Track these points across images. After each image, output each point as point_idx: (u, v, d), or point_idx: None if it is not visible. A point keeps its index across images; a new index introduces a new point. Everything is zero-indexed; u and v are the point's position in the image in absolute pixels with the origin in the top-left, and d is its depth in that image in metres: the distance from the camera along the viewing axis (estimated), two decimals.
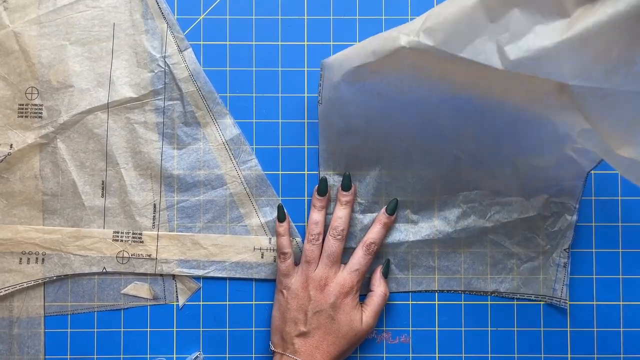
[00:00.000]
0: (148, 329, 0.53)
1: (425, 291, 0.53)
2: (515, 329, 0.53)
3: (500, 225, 0.52)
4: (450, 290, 0.53)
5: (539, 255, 0.52)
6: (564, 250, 0.52)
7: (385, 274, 0.51)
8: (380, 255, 0.52)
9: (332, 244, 0.49)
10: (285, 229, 0.51)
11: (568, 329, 0.53)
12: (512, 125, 0.46)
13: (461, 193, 0.52)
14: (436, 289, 0.53)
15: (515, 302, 0.53)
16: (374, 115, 0.49)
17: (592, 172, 0.52)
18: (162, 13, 0.52)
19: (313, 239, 0.50)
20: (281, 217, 0.51)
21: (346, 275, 0.49)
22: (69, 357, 0.53)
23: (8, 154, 0.52)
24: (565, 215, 0.51)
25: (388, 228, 0.51)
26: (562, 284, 0.52)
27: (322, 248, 0.50)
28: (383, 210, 0.51)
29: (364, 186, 0.52)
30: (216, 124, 0.53)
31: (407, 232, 0.52)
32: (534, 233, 0.52)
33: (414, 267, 0.52)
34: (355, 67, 0.45)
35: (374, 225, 0.51)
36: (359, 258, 0.50)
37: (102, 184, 0.52)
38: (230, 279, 0.53)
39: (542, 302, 0.53)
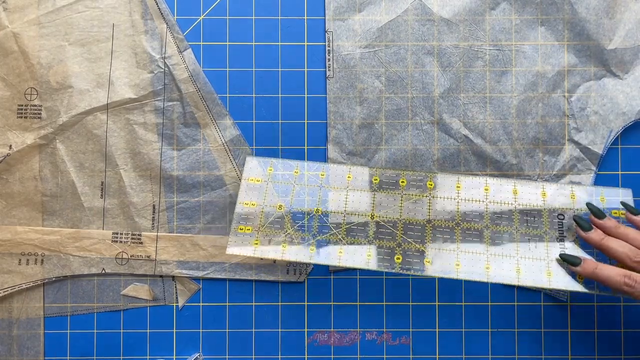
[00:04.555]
0: (148, 330, 0.53)
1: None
2: (516, 330, 0.53)
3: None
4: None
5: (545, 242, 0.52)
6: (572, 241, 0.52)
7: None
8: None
9: None
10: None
11: (569, 330, 0.53)
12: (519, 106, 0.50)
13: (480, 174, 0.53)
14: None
15: (515, 303, 0.53)
16: (382, 89, 0.52)
17: (595, 172, 0.52)
18: (162, 14, 0.52)
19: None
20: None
21: None
22: (68, 358, 0.52)
23: (7, 155, 0.52)
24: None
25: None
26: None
27: None
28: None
29: (372, 164, 0.53)
30: (216, 125, 0.52)
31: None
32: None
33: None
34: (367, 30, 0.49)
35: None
36: None
37: (102, 184, 0.52)
38: (230, 279, 0.53)
39: (541, 292, 0.53)
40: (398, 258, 0.51)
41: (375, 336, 0.53)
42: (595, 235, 0.46)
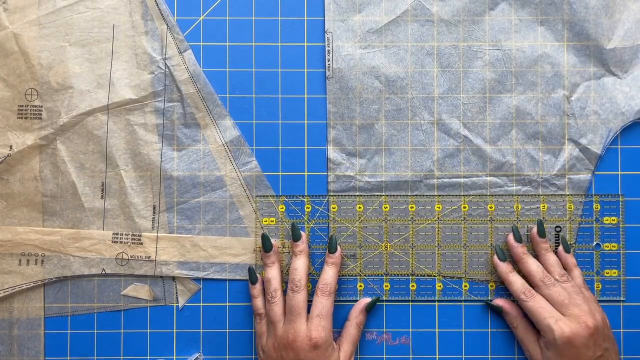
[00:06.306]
0: (148, 330, 0.53)
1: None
2: None
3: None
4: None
5: None
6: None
7: (368, 310, 0.51)
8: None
9: (292, 298, 0.48)
10: (259, 291, 0.51)
11: None
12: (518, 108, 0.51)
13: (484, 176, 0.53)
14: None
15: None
16: (382, 89, 0.52)
17: (594, 172, 0.52)
18: (162, 14, 0.52)
19: (271, 297, 0.49)
20: (253, 279, 0.51)
21: (311, 325, 0.47)
22: (69, 358, 0.53)
23: (8, 155, 0.52)
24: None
25: (338, 266, 0.50)
26: None
27: (284, 304, 0.49)
28: (327, 252, 0.51)
29: (372, 165, 0.52)
30: (216, 126, 0.53)
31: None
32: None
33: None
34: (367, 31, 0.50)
35: (323, 269, 0.50)
36: (317, 303, 0.48)
37: (102, 185, 0.52)
38: (230, 280, 0.53)
39: None
40: (413, 286, 0.52)
41: (375, 336, 0.53)
42: (504, 267, 0.51)
